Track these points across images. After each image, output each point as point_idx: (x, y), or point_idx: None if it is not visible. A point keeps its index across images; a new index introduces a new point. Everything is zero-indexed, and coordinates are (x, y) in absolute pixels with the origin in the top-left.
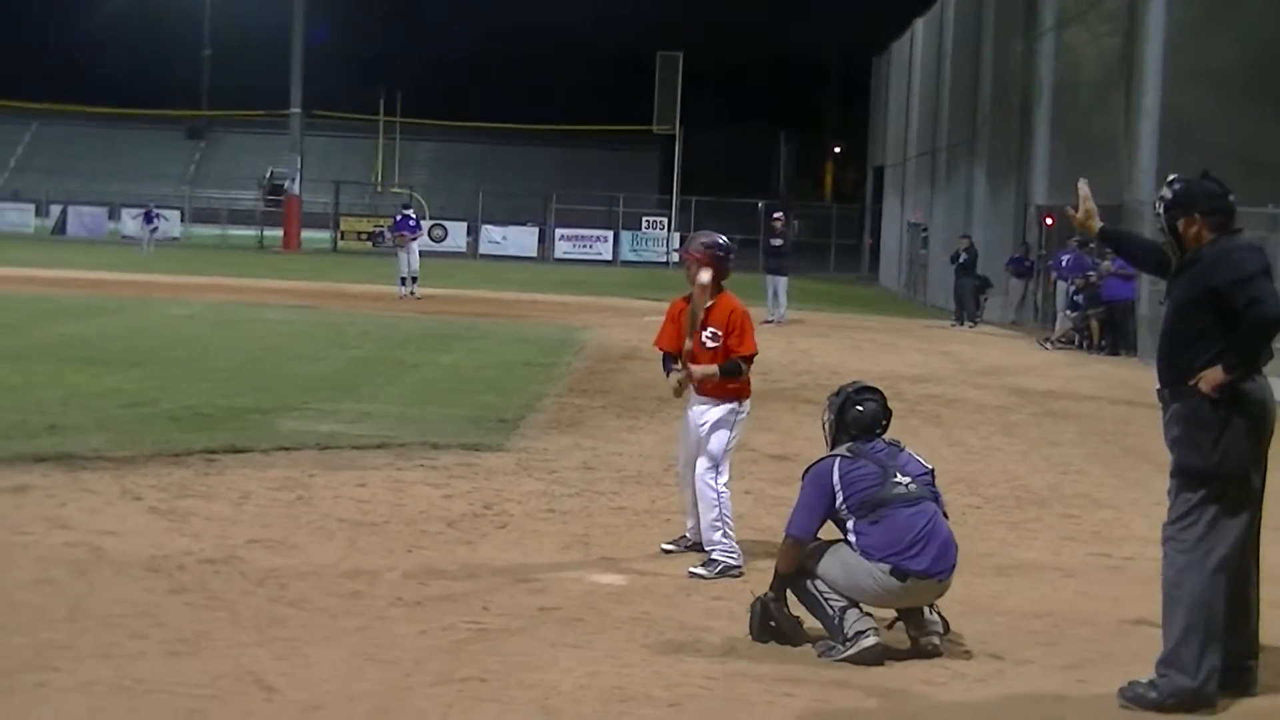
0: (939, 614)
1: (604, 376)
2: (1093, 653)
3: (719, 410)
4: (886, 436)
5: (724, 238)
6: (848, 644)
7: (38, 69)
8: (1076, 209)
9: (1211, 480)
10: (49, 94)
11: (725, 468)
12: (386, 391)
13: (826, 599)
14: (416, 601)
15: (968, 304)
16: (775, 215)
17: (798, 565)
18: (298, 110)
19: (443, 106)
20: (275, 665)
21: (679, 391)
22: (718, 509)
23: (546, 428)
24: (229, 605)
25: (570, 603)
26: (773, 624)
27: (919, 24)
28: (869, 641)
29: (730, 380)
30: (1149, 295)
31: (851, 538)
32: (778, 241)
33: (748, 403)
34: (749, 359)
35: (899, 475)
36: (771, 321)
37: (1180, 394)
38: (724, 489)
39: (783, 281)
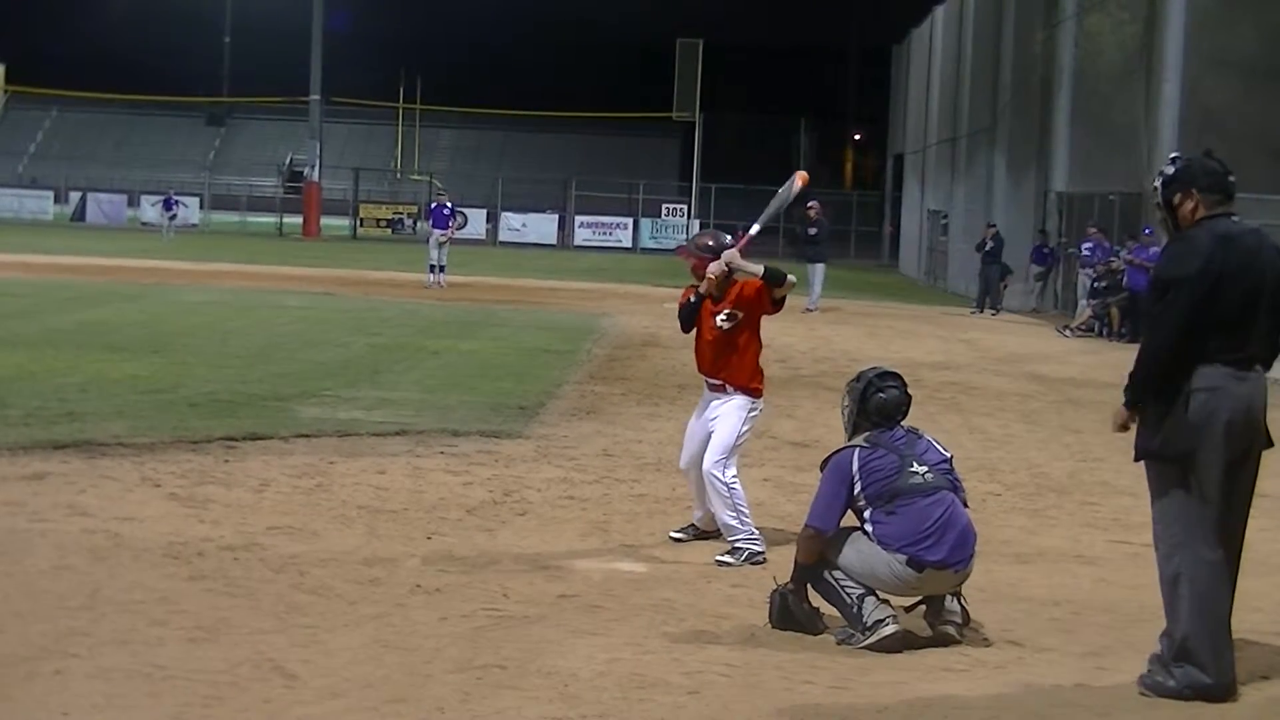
0: (961, 604)
1: (624, 364)
2: (1112, 640)
3: (733, 402)
4: (905, 423)
5: (714, 239)
6: (867, 632)
7: (57, 55)
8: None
9: (1157, 463)
10: (68, 80)
11: (733, 462)
12: (406, 378)
13: (844, 587)
14: (436, 589)
15: (991, 291)
16: (809, 204)
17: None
18: (317, 97)
19: (463, 93)
20: (294, 652)
21: (713, 284)
22: (730, 500)
23: (566, 415)
24: (248, 592)
25: (590, 590)
26: (791, 614)
27: (939, 11)
28: (888, 629)
29: (774, 287)
30: None
31: (868, 527)
32: (813, 230)
33: (760, 402)
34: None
35: (916, 464)
36: (811, 310)
37: None
38: (733, 480)
39: (819, 269)
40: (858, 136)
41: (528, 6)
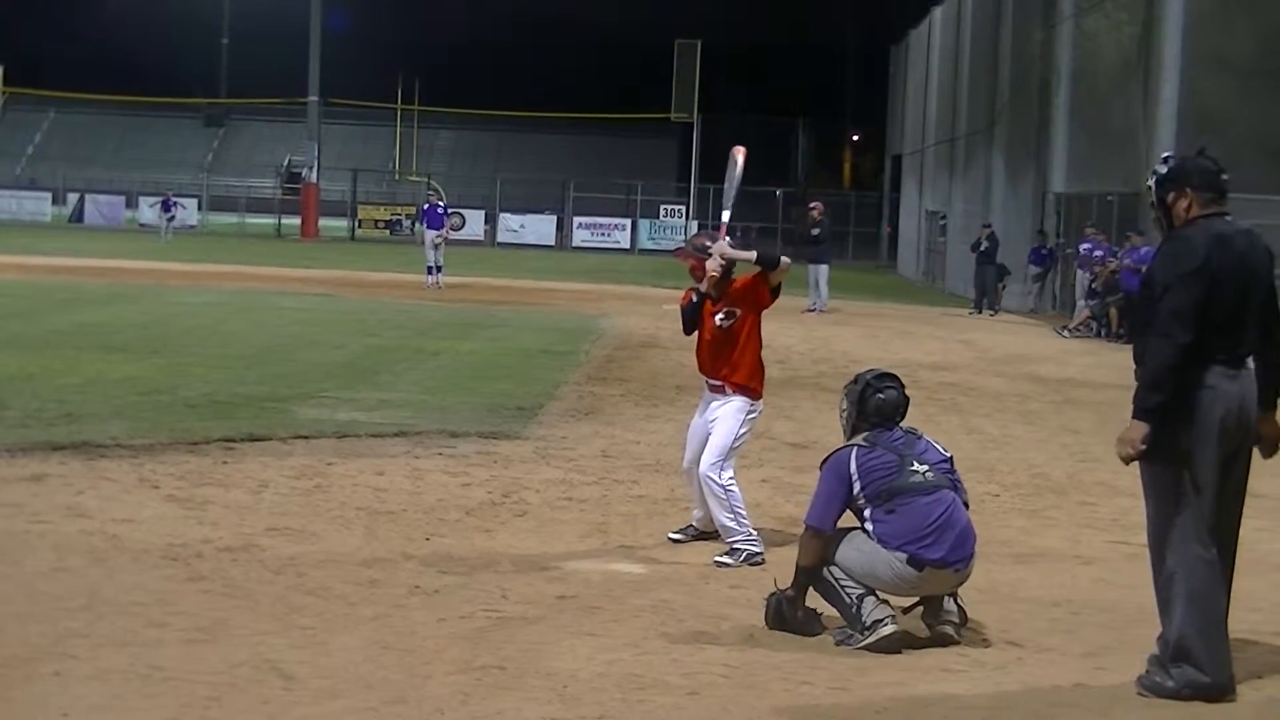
0: (958, 604)
1: (622, 364)
2: (1111, 640)
3: (732, 404)
4: (904, 424)
5: (711, 239)
6: (866, 632)
7: (55, 56)
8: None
9: (1151, 462)
10: (66, 81)
11: (730, 464)
12: (405, 379)
13: (843, 586)
14: (434, 590)
15: (988, 292)
16: (812, 205)
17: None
18: (315, 98)
19: (461, 94)
20: (293, 653)
21: (713, 282)
22: (727, 501)
23: (565, 416)
24: (247, 593)
25: (589, 591)
26: (785, 620)
27: (937, 12)
28: (887, 630)
29: (769, 270)
30: None
31: (869, 526)
32: (816, 230)
33: (760, 404)
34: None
35: (916, 464)
36: (814, 310)
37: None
38: (729, 482)
39: (823, 270)
40: (856, 137)
41: (525, 8)
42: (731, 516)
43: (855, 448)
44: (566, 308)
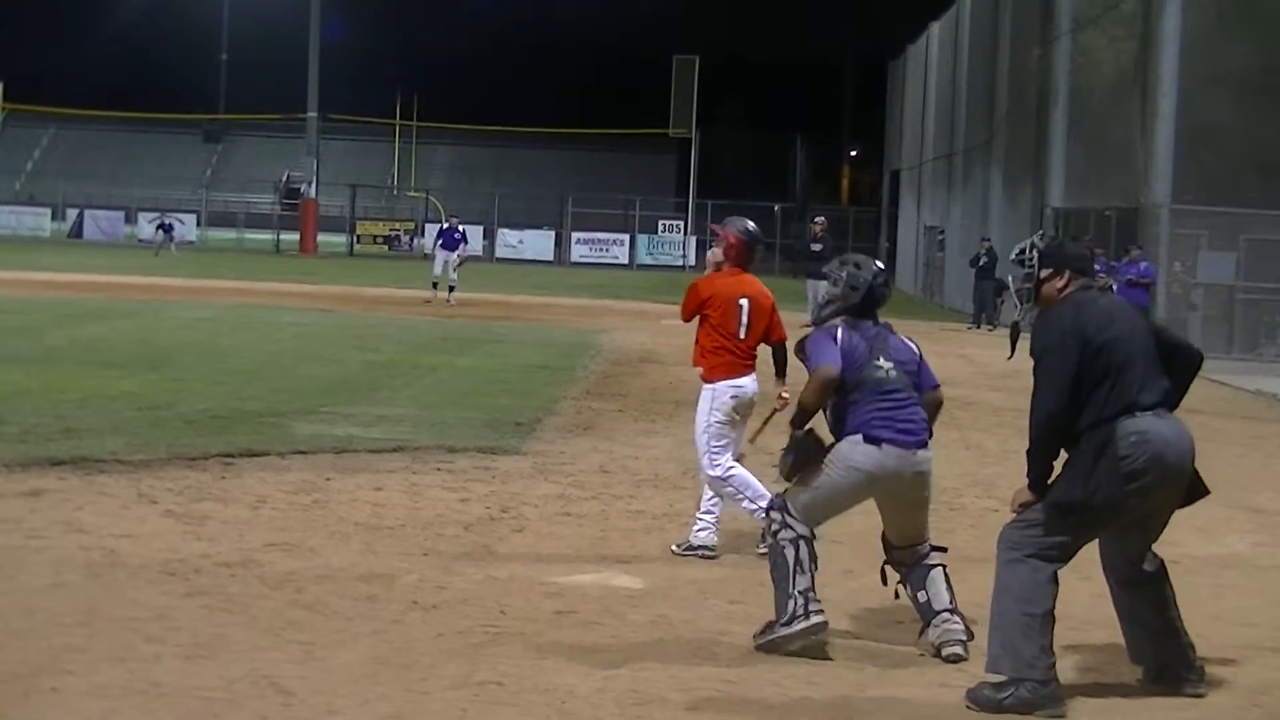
0: (962, 620)
1: (621, 380)
2: (1110, 655)
3: (699, 402)
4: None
5: (750, 227)
6: (786, 626)
7: (55, 72)
8: None
9: (1075, 511)
10: (66, 98)
11: (719, 449)
12: (403, 395)
13: (795, 573)
14: (432, 605)
15: (987, 306)
16: (816, 219)
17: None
18: (314, 114)
19: (460, 110)
20: (291, 669)
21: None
22: (733, 489)
23: (563, 431)
24: (245, 609)
25: (587, 606)
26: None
27: (935, 27)
28: (812, 621)
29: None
30: (1165, 301)
31: (827, 414)
32: (818, 246)
33: (722, 384)
34: (782, 343)
35: (883, 359)
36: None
37: None
38: (728, 473)
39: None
40: (854, 152)
41: (524, 24)
42: (743, 500)
43: (841, 326)
44: (565, 323)
